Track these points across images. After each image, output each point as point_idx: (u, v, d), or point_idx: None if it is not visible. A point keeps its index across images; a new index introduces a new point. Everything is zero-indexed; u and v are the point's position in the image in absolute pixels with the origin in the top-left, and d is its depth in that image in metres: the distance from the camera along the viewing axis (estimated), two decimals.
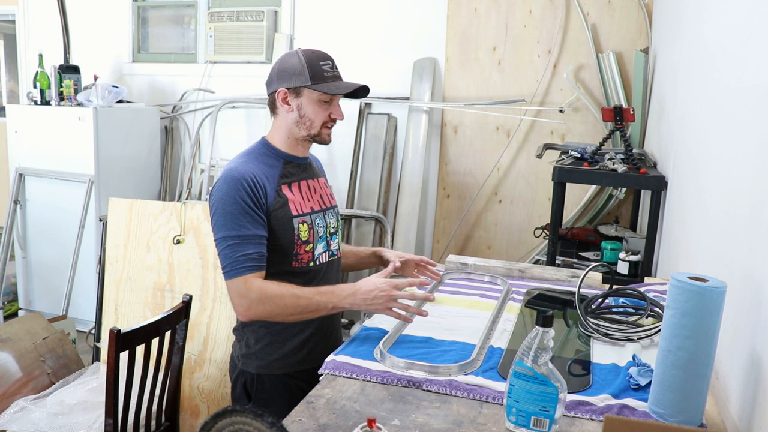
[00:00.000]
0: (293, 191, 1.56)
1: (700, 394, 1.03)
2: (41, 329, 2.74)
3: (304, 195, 1.58)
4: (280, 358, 1.56)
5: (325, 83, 1.51)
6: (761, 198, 1.07)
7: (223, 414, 0.82)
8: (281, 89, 1.53)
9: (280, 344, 1.57)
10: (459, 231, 3.74)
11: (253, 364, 1.57)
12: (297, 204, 1.55)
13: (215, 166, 3.88)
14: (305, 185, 1.61)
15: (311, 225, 1.56)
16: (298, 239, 1.53)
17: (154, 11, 4.45)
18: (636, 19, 3.30)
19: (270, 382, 1.56)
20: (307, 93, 1.52)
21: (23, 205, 3.97)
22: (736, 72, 1.35)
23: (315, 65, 1.51)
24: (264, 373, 1.57)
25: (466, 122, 3.67)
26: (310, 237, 1.56)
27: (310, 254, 1.56)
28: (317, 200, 1.63)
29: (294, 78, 1.51)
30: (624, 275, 2.27)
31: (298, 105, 1.53)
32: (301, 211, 1.55)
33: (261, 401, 1.56)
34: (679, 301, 1.01)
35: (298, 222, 1.53)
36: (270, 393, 1.56)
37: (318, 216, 1.60)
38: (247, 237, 1.44)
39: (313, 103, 1.52)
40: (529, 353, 1.01)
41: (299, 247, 1.54)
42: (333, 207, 1.68)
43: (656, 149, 2.65)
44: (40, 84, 3.87)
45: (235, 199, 1.44)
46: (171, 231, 2.49)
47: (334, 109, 1.55)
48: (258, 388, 1.57)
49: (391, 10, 3.76)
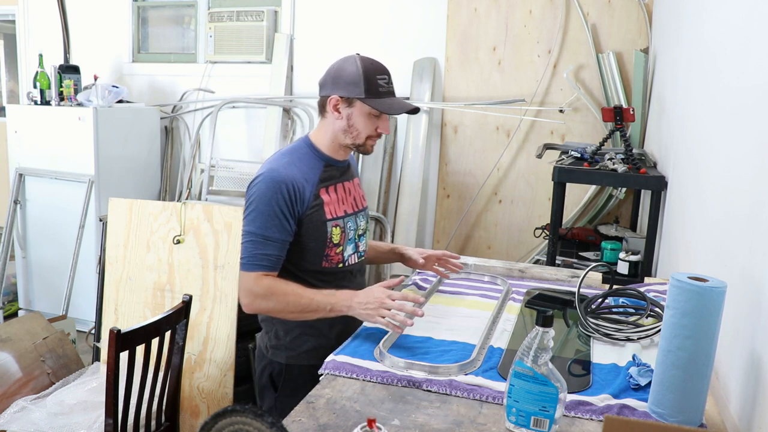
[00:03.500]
0: (330, 194, 1.59)
1: (700, 394, 1.03)
2: (41, 329, 2.74)
3: (339, 198, 1.61)
4: (311, 350, 1.60)
5: (379, 99, 1.52)
6: (761, 198, 1.07)
7: (223, 414, 0.82)
8: (334, 96, 1.54)
9: (312, 336, 1.60)
10: (459, 231, 3.74)
11: (282, 355, 1.62)
12: (332, 207, 1.58)
13: (215, 166, 3.88)
14: (341, 188, 1.63)
15: (343, 228, 1.60)
16: (330, 242, 1.57)
17: (154, 11, 4.45)
18: (636, 19, 3.30)
19: (298, 372, 1.60)
20: (359, 105, 1.53)
21: (23, 205, 3.97)
22: (736, 72, 1.35)
23: (371, 78, 1.51)
24: (293, 363, 1.61)
25: (466, 122, 3.67)
26: (341, 240, 1.60)
27: (340, 256, 1.61)
28: (351, 203, 1.65)
29: (349, 87, 1.52)
30: (624, 275, 2.27)
31: (348, 115, 1.54)
32: (335, 215, 1.58)
33: (287, 391, 1.61)
34: (679, 301, 1.01)
35: (332, 225, 1.57)
36: (297, 383, 1.59)
37: (350, 219, 1.63)
38: (270, 239, 1.49)
39: (363, 116, 1.53)
40: (529, 353, 1.01)
41: (330, 249, 1.58)
42: (364, 209, 1.71)
43: (656, 149, 2.65)
44: (40, 84, 3.87)
45: (271, 201, 1.48)
46: (171, 231, 2.49)
47: (381, 124, 1.56)
48: (286, 378, 1.62)
49: (391, 10, 3.76)
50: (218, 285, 2.42)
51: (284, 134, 4.05)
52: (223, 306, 2.41)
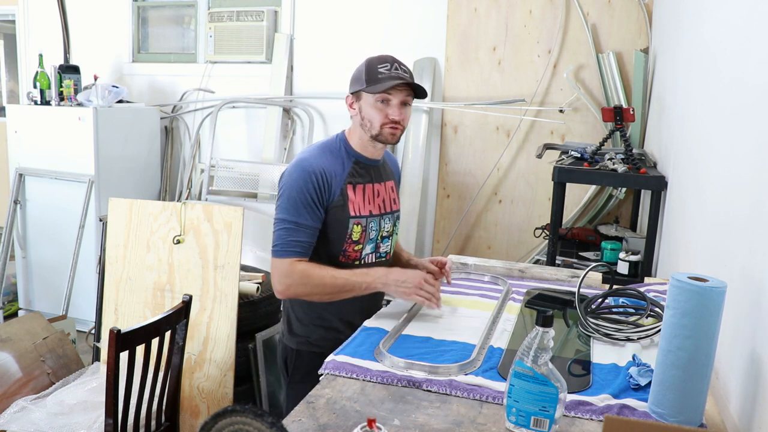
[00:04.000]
0: (356, 193, 1.63)
1: (700, 394, 1.03)
2: (41, 329, 2.74)
3: (366, 198, 1.65)
4: (320, 338, 1.66)
5: (377, 84, 1.56)
6: (761, 198, 1.07)
7: (223, 414, 0.82)
8: (348, 95, 1.65)
9: (322, 327, 1.67)
10: (459, 231, 3.74)
11: (294, 341, 1.70)
12: (356, 206, 1.63)
13: (215, 166, 3.88)
14: (369, 189, 1.66)
15: (365, 227, 1.63)
16: (349, 238, 1.62)
17: (154, 11, 4.45)
18: (636, 19, 3.30)
19: (309, 358, 1.64)
20: (364, 96, 1.59)
21: (23, 205, 3.97)
22: (736, 72, 1.35)
23: (372, 69, 1.57)
24: (304, 349, 1.68)
25: (466, 122, 3.67)
26: (361, 238, 1.64)
27: (357, 253, 1.65)
28: (378, 204, 1.68)
29: (355, 83, 1.61)
30: (624, 275, 2.27)
31: (359, 108, 1.61)
32: (358, 213, 1.63)
33: (296, 376, 1.69)
34: (679, 301, 1.01)
35: (354, 223, 1.62)
36: (306, 369, 1.64)
37: (374, 220, 1.66)
38: (302, 225, 1.56)
39: (369, 106, 1.59)
40: (529, 353, 1.01)
41: (349, 245, 1.63)
42: (393, 212, 1.73)
43: (656, 149, 2.65)
44: (40, 84, 3.87)
45: (302, 189, 1.55)
46: (171, 231, 2.49)
47: (390, 110, 1.58)
48: (296, 364, 1.69)
49: (391, 10, 3.76)
50: (218, 285, 2.42)
51: (284, 134, 4.05)
52: (223, 306, 2.41)
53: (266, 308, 2.63)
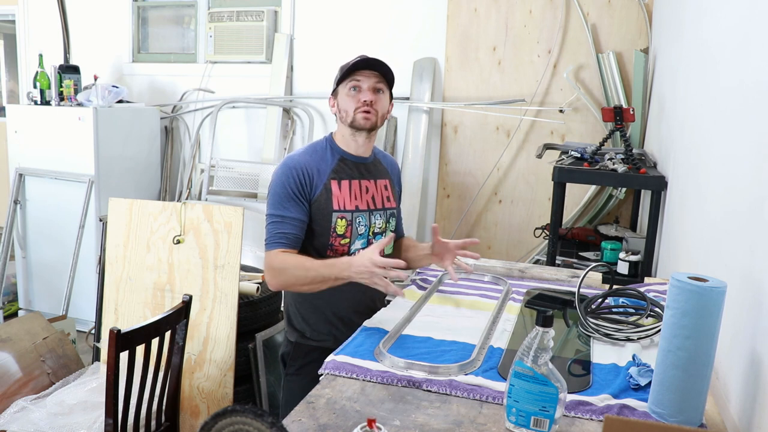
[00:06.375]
0: (341, 188, 1.67)
1: (700, 394, 1.03)
2: (41, 329, 2.74)
3: (352, 193, 1.68)
4: (314, 332, 1.71)
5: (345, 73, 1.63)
6: (761, 197, 1.07)
7: (223, 414, 0.82)
8: (329, 98, 1.72)
9: (315, 318, 1.71)
10: (459, 231, 3.74)
11: (293, 334, 1.74)
12: (340, 200, 1.66)
13: (215, 166, 3.88)
14: (356, 184, 1.69)
15: (350, 222, 1.66)
16: (334, 232, 1.65)
17: (154, 11, 4.45)
18: (636, 19, 3.30)
19: (304, 351, 1.71)
20: (339, 90, 1.67)
21: (23, 205, 3.97)
22: (736, 72, 1.35)
23: (344, 66, 1.65)
24: (301, 342, 1.72)
25: (466, 122, 3.67)
26: (347, 232, 1.67)
27: (345, 248, 1.67)
28: (367, 200, 1.70)
29: (334, 84, 1.69)
30: (624, 275, 2.27)
31: (337, 104, 1.69)
32: (342, 207, 1.66)
33: (292, 368, 1.73)
34: (679, 301, 1.01)
35: (337, 217, 1.65)
36: (302, 362, 1.71)
37: (362, 215, 1.69)
38: (287, 218, 1.61)
39: (344, 97, 1.66)
40: (529, 353, 1.01)
41: (334, 239, 1.66)
42: (385, 209, 1.75)
43: (656, 149, 2.66)
44: (40, 84, 3.87)
45: (284, 183, 1.62)
46: (171, 231, 2.49)
47: (361, 94, 1.64)
48: (293, 356, 1.73)
49: (392, 10, 3.76)
50: (218, 285, 2.42)
51: (284, 134, 4.05)
52: (223, 306, 2.41)
53: (266, 308, 2.63)
